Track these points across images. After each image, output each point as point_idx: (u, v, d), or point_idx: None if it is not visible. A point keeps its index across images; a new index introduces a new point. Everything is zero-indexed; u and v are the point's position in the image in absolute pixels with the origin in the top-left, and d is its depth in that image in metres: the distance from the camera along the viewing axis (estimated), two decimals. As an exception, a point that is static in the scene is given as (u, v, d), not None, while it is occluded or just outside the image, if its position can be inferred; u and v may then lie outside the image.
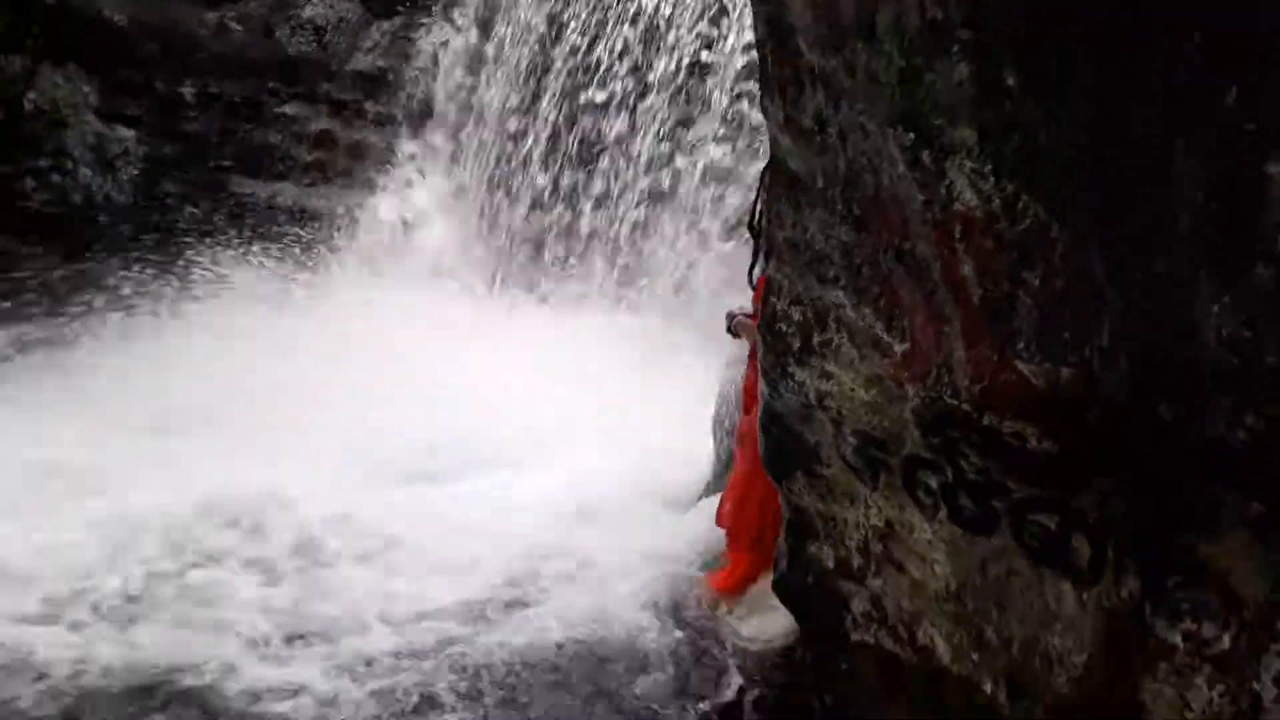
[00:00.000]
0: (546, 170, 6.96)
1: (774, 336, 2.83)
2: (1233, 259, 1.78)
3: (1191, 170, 1.74)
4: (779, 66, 2.54)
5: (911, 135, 2.17)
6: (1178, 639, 2.15)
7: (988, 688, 2.63)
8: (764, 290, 2.86)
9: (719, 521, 4.14)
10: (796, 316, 2.74)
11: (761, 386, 3.06)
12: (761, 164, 5.01)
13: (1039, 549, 2.40)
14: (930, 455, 2.51)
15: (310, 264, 6.99)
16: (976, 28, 1.97)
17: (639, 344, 5.93)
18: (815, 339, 2.70)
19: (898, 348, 2.47)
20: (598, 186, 6.76)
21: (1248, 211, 1.73)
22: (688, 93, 6.40)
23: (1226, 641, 2.07)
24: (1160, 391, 1.96)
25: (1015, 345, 2.15)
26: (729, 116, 6.19)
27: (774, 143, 2.67)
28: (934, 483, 2.56)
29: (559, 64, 6.98)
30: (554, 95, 6.90)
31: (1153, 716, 2.21)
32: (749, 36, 6.06)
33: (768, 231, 2.76)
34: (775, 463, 3.18)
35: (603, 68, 6.77)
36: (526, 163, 7.04)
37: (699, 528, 4.28)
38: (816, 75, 2.41)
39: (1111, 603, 2.26)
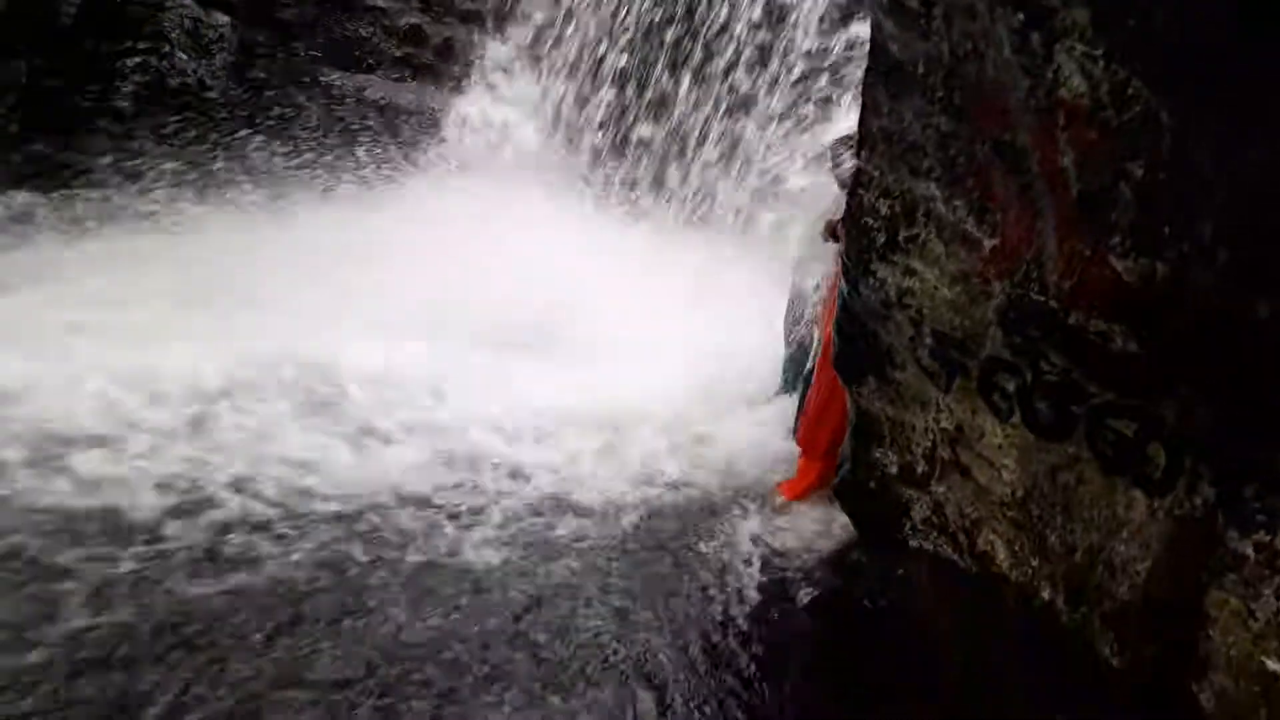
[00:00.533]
0: (624, 84, 6.93)
1: (859, 231, 2.79)
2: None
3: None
4: (887, -53, 2.48)
5: (1021, 16, 2.11)
6: (1249, 549, 2.13)
7: (1046, 594, 2.62)
8: (852, 182, 2.82)
9: (796, 434, 4.16)
10: (884, 210, 2.70)
11: (841, 285, 3.04)
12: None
13: (1113, 457, 2.37)
14: (1010, 357, 2.48)
15: (395, 159, 7.03)
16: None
17: (711, 256, 5.93)
18: (902, 234, 2.67)
19: (987, 243, 2.43)
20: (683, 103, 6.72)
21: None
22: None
23: (1300, 553, 2.05)
24: (1258, 289, 1.90)
25: (1110, 240, 2.10)
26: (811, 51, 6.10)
27: (876, 27, 2.61)
28: (1011, 386, 2.54)
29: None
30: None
31: (1215, 625, 2.19)
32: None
33: (861, 120, 2.71)
34: (847, 365, 3.16)
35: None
36: (605, 75, 7.01)
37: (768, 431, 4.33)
38: (925, -46, 2.35)
39: (1183, 510, 2.23)
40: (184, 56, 7.13)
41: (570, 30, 7.31)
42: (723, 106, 6.44)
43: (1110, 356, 2.23)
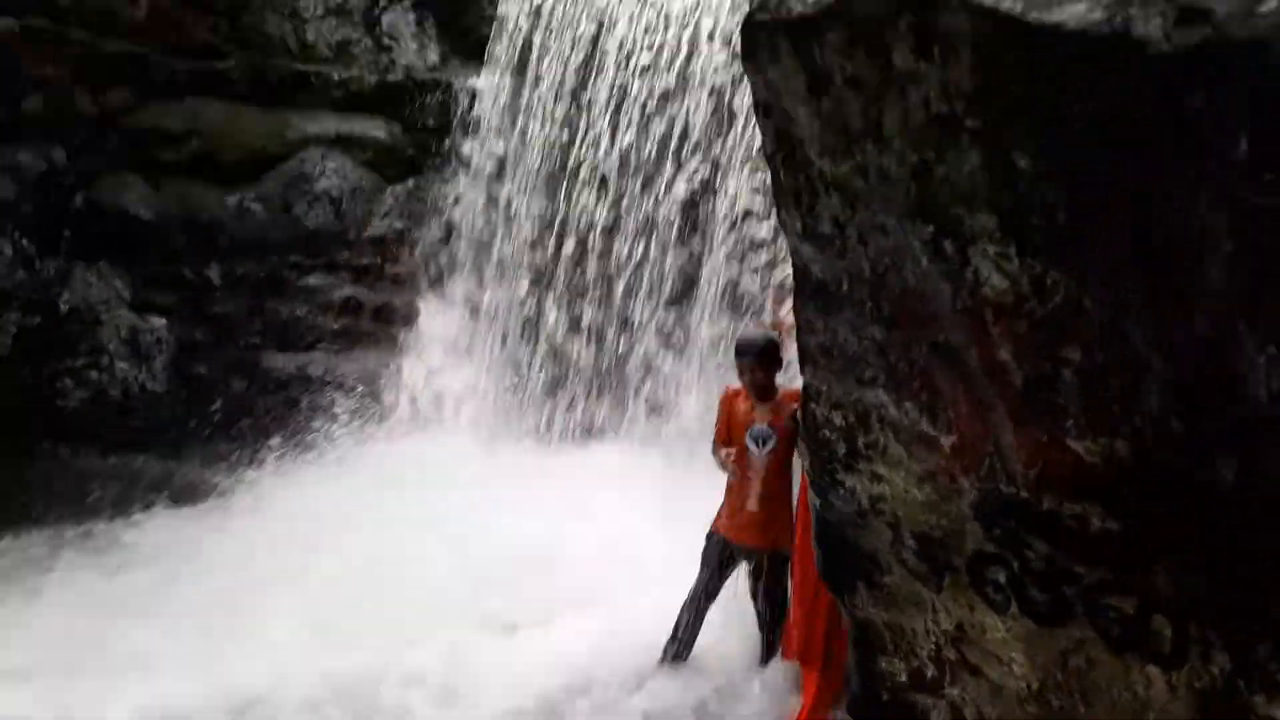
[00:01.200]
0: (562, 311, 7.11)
1: (818, 444, 2.80)
2: (1269, 310, 1.77)
3: (1218, 223, 1.75)
4: (791, 176, 2.60)
5: (931, 228, 2.20)
6: (1278, 712, 2.05)
7: (1087, 789, 2.50)
8: (803, 398, 2.85)
9: (786, 654, 4.03)
10: (839, 421, 2.72)
11: (811, 498, 3.03)
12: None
13: (1119, 635, 2.31)
14: (994, 549, 2.45)
15: (347, 427, 7.04)
16: (983, 117, 2.01)
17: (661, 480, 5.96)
18: (860, 441, 2.68)
19: (945, 440, 2.44)
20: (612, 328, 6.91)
21: (1276, 259, 1.73)
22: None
23: (1333, 711, 1.98)
24: (1217, 452, 1.91)
25: (1064, 423, 2.12)
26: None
27: (795, 252, 2.71)
28: (1002, 577, 2.49)
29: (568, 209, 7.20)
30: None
31: (1266, 799, 2.08)
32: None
33: (799, 340, 2.77)
34: (833, 574, 3.11)
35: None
36: (541, 309, 7.21)
37: None
38: (829, 181, 2.46)
39: (1203, 683, 2.16)
40: (124, 365, 7.19)
41: (502, 281, 7.52)
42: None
43: (1091, 537, 2.21)
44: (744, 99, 6.23)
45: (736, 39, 3.45)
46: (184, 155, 7.50)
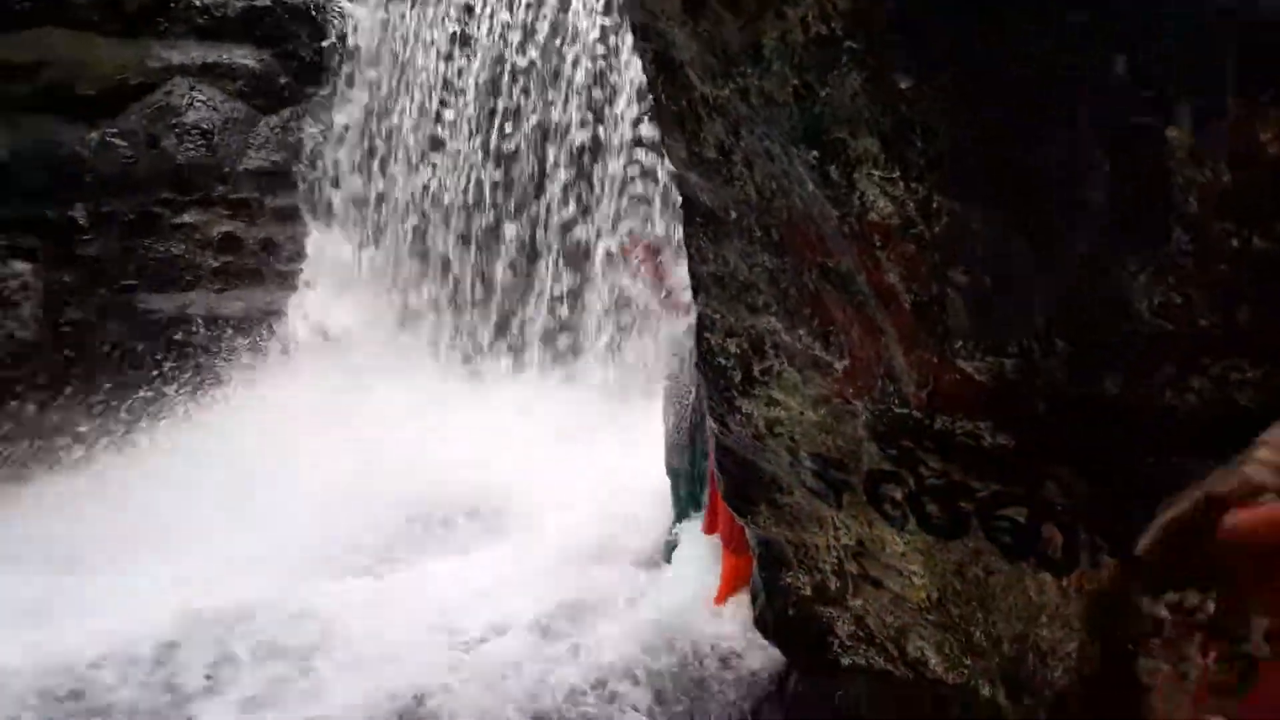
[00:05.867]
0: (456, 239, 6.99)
1: (714, 372, 2.78)
2: (1149, 228, 1.78)
3: (1095, 145, 1.74)
4: (673, 101, 2.51)
5: (815, 152, 2.15)
6: (1163, 611, 2.13)
7: (986, 691, 2.59)
8: (697, 326, 2.82)
9: (707, 529, 4.10)
10: (733, 349, 2.70)
11: (710, 425, 3.02)
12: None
13: (1012, 544, 2.37)
14: (890, 467, 2.47)
15: (232, 370, 6.82)
16: (863, 38, 1.95)
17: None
18: (756, 368, 2.66)
19: (838, 365, 2.44)
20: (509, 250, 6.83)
21: (1155, 179, 1.73)
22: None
23: (1211, 606, 2.05)
24: (1102, 368, 1.94)
25: (953, 345, 2.13)
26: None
27: (681, 180, 2.64)
28: (898, 494, 2.53)
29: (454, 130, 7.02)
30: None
31: (1156, 695, 2.17)
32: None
33: (690, 268, 2.72)
34: (736, 497, 3.12)
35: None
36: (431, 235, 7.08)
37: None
38: (712, 105, 2.39)
39: (1092, 586, 2.23)
40: (-11, 313, 6.81)
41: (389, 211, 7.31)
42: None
43: (984, 452, 2.24)
44: None
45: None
46: (36, 89, 7.00)
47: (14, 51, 6.96)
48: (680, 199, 2.72)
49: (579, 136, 6.68)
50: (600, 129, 6.58)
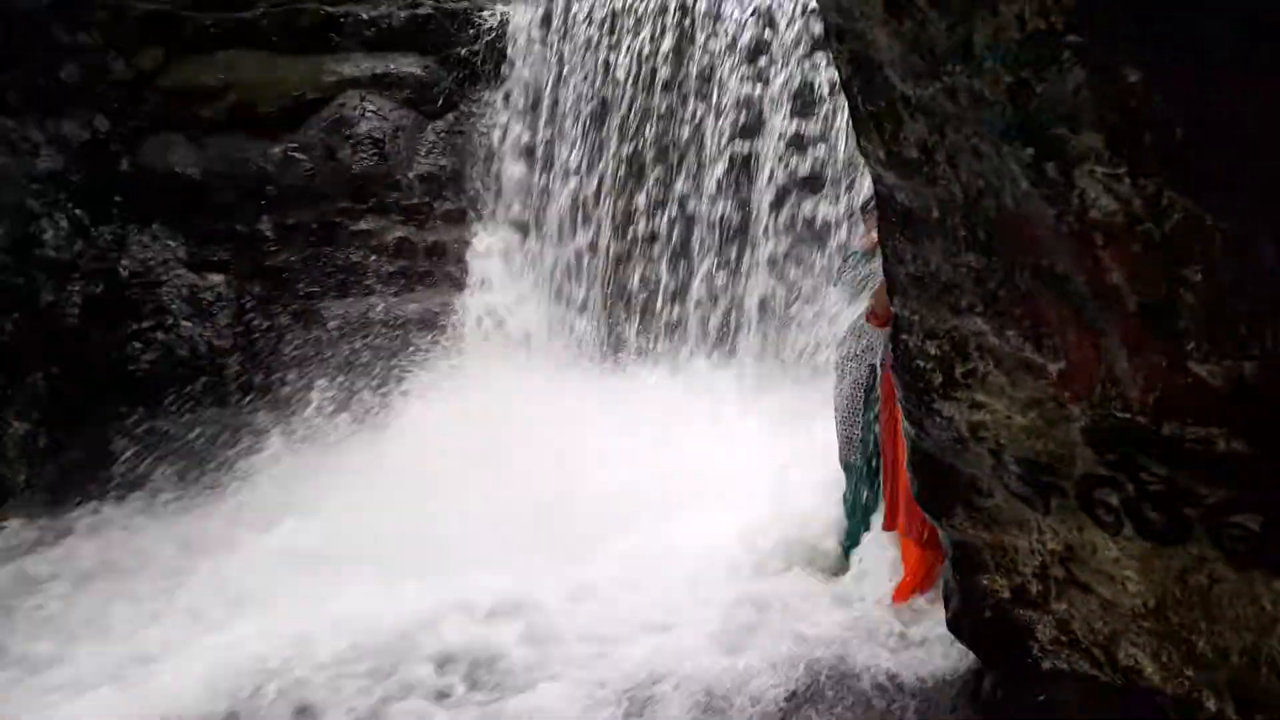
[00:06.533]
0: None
1: (912, 375, 2.73)
2: None
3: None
4: (870, 102, 2.48)
5: (1030, 150, 2.08)
6: None
7: (1212, 704, 2.47)
8: (894, 330, 2.78)
9: (887, 525, 4.05)
10: (933, 351, 2.64)
11: (906, 427, 2.97)
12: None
13: (1244, 551, 2.25)
14: (1107, 472, 2.38)
15: (413, 368, 7.09)
16: (1085, 31, 1.88)
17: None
18: (958, 370, 2.60)
19: (1052, 367, 2.36)
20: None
21: None
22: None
23: None
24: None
25: (1185, 347, 2.03)
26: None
27: (878, 180, 2.60)
28: (1114, 499, 2.43)
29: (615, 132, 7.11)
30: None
31: None
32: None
33: (887, 269, 2.68)
34: (931, 499, 3.07)
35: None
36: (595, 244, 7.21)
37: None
38: (914, 105, 2.34)
39: (1339, 597, 2.11)
40: (188, 324, 7.26)
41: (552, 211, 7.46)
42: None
43: (1216, 458, 2.13)
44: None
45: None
46: (223, 109, 7.46)
47: (204, 75, 7.41)
48: (875, 198, 2.68)
49: (739, 145, 6.67)
50: (757, 141, 6.57)
